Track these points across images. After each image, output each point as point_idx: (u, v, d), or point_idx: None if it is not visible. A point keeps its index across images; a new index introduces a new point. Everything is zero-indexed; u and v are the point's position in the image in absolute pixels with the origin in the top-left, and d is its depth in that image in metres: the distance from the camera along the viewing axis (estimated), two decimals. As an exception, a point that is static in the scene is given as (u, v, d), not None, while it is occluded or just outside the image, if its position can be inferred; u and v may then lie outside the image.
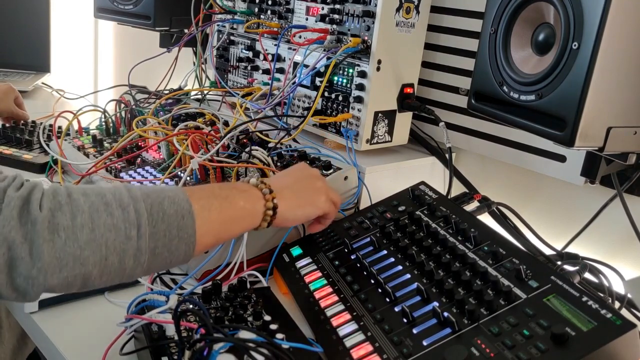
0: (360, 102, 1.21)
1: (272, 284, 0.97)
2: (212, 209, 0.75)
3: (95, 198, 0.66)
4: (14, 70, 2.16)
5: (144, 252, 0.67)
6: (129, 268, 0.67)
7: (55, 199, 0.64)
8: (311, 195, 0.91)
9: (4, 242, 0.60)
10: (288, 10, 1.37)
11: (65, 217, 0.63)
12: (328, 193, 0.94)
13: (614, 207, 1.08)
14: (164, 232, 0.69)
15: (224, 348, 0.65)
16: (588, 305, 0.70)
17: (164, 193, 0.71)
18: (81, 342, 0.80)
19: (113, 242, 0.65)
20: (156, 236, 0.68)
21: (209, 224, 0.74)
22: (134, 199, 0.68)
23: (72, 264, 0.63)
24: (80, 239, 0.63)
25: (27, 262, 0.61)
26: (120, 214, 0.66)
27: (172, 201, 0.70)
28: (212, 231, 0.75)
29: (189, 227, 0.71)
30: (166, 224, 0.69)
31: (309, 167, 0.97)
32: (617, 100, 0.81)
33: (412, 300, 0.81)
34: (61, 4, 2.45)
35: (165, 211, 0.69)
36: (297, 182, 0.91)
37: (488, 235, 0.88)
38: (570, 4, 0.78)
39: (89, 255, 0.64)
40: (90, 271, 0.64)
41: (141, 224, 0.67)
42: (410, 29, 1.21)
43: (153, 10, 1.64)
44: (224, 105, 1.51)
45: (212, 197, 0.76)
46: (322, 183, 0.94)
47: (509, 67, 0.89)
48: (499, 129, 1.25)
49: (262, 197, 0.82)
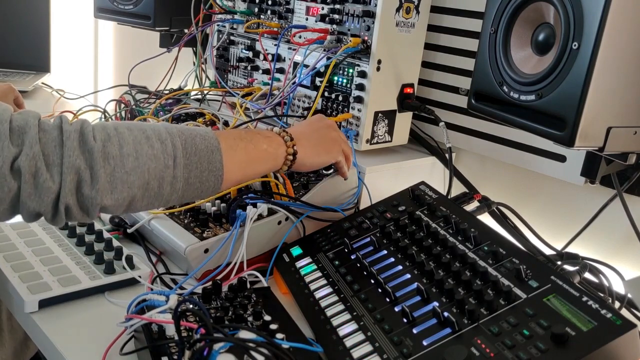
0: (360, 102, 1.21)
1: (272, 284, 0.97)
2: (237, 149, 0.84)
3: (138, 132, 0.76)
4: (14, 70, 2.16)
5: (179, 180, 0.77)
6: (167, 194, 0.77)
7: (104, 131, 0.74)
8: (327, 145, 1.00)
9: (72, 168, 0.70)
10: (288, 10, 1.37)
11: (114, 147, 0.73)
12: (341, 144, 1.03)
13: (614, 207, 1.08)
14: (196, 164, 0.79)
15: (224, 348, 0.65)
16: (588, 305, 0.70)
17: (196, 131, 0.81)
18: (81, 342, 0.80)
19: (154, 170, 0.75)
20: (189, 167, 0.78)
21: (235, 161, 0.83)
22: (170, 134, 0.78)
23: (121, 187, 0.73)
24: (127, 165, 0.73)
25: (88, 185, 0.71)
26: (159, 146, 0.76)
27: (203, 138, 0.81)
28: (238, 168, 0.85)
29: (217, 162, 0.81)
30: (198, 157, 0.79)
31: (325, 118, 1.05)
32: (617, 100, 0.81)
33: (412, 300, 0.81)
34: (61, 4, 2.45)
35: (198, 146, 0.79)
36: (315, 132, 0.99)
37: (488, 235, 0.88)
38: (570, 4, 0.78)
39: (134, 180, 0.74)
40: (135, 194, 0.75)
41: (177, 155, 0.77)
42: (410, 29, 1.21)
43: (153, 10, 1.64)
44: (224, 105, 1.51)
45: (238, 139, 0.86)
46: (337, 134, 1.03)
47: (509, 67, 0.89)
48: (499, 129, 1.25)
49: (283, 144, 0.92)
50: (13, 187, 0.69)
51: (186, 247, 0.93)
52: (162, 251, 1.04)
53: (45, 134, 0.71)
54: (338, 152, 1.02)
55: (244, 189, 1.06)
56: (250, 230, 0.96)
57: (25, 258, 0.94)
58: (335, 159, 1.02)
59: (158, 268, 1.00)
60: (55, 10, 2.24)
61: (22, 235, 1.01)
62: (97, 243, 1.00)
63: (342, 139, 1.04)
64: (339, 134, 1.03)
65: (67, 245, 0.99)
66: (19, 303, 0.85)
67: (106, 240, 1.00)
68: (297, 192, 1.08)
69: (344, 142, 1.04)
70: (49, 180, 0.69)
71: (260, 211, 0.99)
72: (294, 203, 1.05)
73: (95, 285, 0.89)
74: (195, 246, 0.94)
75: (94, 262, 0.95)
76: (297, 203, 1.05)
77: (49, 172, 0.69)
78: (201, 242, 0.95)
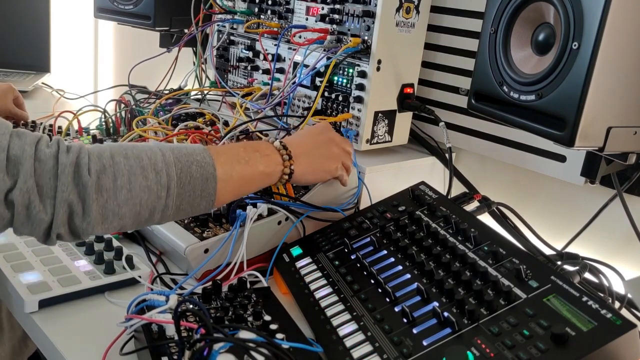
0: (360, 102, 1.21)
1: (272, 284, 0.97)
2: (233, 173, 0.85)
3: (134, 161, 0.76)
4: (14, 70, 2.16)
5: (170, 208, 0.79)
6: (157, 219, 0.80)
7: (100, 161, 0.74)
8: (325, 162, 1.00)
9: (65, 203, 0.72)
10: (288, 10, 1.37)
11: (108, 180, 0.74)
12: (342, 158, 1.02)
13: (614, 207, 1.08)
14: (190, 192, 0.80)
15: (224, 348, 0.65)
16: (588, 305, 0.70)
17: (193, 157, 0.81)
18: (81, 342, 0.80)
19: (146, 201, 0.76)
20: (182, 196, 0.79)
21: (229, 186, 0.84)
22: (167, 164, 0.78)
23: (112, 218, 0.75)
24: (119, 198, 0.75)
25: (80, 217, 0.73)
26: (154, 177, 0.77)
27: (200, 165, 0.81)
28: (232, 190, 0.85)
29: (211, 189, 0.82)
30: (192, 186, 0.80)
31: (330, 130, 1.04)
32: (617, 100, 0.81)
33: (412, 300, 0.81)
34: (61, 4, 2.45)
35: (193, 175, 0.80)
36: (316, 148, 0.99)
37: (488, 235, 0.88)
38: (570, 4, 0.78)
39: (126, 212, 0.76)
40: (126, 222, 0.77)
41: (170, 186, 0.78)
42: (410, 29, 1.21)
43: (153, 10, 1.64)
44: (224, 105, 1.51)
45: (235, 162, 0.86)
46: (339, 150, 1.02)
47: (509, 67, 0.89)
48: (499, 129, 1.25)
49: (281, 163, 0.92)
50: (6, 216, 0.71)
51: (186, 247, 0.93)
52: (162, 251, 1.04)
53: (41, 164, 0.71)
54: (336, 168, 1.01)
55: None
56: (250, 230, 0.96)
57: (25, 258, 0.94)
58: (332, 175, 1.02)
59: (158, 268, 1.00)
60: (55, 10, 2.24)
61: (22, 236, 1.01)
62: (97, 243, 1.00)
63: (343, 153, 1.02)
64: (341, 149, 1.02)
65: (67, 245, 0.99)
66: (19, 303, 0.85)
67: (106, 240, 1.00)
68: (297, 192, 1.08)
69: (345, 155, 1.03)
70: (41, 212, 0.71)
71: (260, 211, 0.99)
72: (294, 203, 1.05)
73: (95, 285, 0.89)
74: (195, 246, 0.94)
75: (94, 262, 0.95)
76: (297, 203, 1.05)
77: (42, 204, 0.71)
78: (201, 242, 0.95)
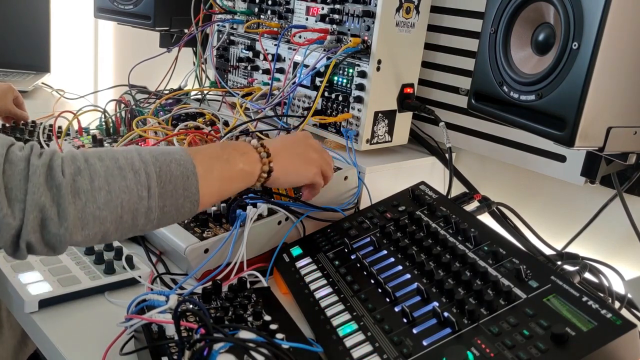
0: (360, 102, 1.21)
1: (272, 284, 0.97)
2: (214, 171, 0.81)
3: (110, 162, 0.73)
4: (14, 70, 2.16)
5: (154, 210, 0.74)
6: (141, 224, 0.75)
7: (74, 164, 0.70)
8: (303, 165, 0.96)
9: (36, 206, 0.67)
10: (288, 10, 1.37)
11: (84, 181, 0.70)
12: (321, 166, 0.98)
13: (614, 207, 1.08)
14: (172, 192, 0.76)
15: (224, 348, 0.65)
16: (588, 305, 0.70)
17: (171, 156, 0.78)
18: (81, 342, 0.80)
19: (127, 203, 0.72)
20: (164, 196, 0.75)
21: (211, 184, 0.81)
22: (144, 163, 0.74)
23: (92, 223, 0.70)
24: (99, 200, 0.70)
25: (55, 222, 0.68)
26: (132, 176, 0.73)
27: (178, 163, 0.77)
28: (214, 190, 0.82)
29: (194, 187, 0.78)
30: (173, 185, 0.76)
31: (310, 137, 1.00)
32: (617, 100, 0.81)
33: (412, 300, 0.81)
34: (61, 4, 2.45)
35: (172, 173, 0.76)
36: (294, 150, 0.96)
37: (488, 235, 0.88)
38: (570, 4, 0.78)
39: (107, 215, 0.71)
40: (108, 228, 0.72)
41: (151, 185, 0.74)
42: (410, 29, 1.21)
43: (153, 10, 1.64)
44: (224, 105, 1.51)
45: (214, 159, 0.83)
46: (318, 155, 0.98)
47: (509, 67, 0.89)
48: (499, 129, 1.25)
49: (259, 161, 0.88)
50: None
51: (186, 247, 0.93)
52: (162, 251, 1.04)
53: (11, 165, 0.67)
54: (315, 174, 0.97)
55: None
56: (250, 230, 0.96)
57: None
58: (310, 180, 0.97)
59: (158, 268, 1.00)
60: (55, 10, 2.24)
61: None
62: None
63: (324, 161, 0.99)
64: (321, 155, 0.99)
65: (67, 245, 0.99)
66: (19, 303, 0.85)
67: (106, 240, 1.00)
68: (297, 192, 1.08)
69: (326, 165, 0.99)
70: (9, 216, 0.66)
71: (260, 211, 0.99)
72: (294, 203, 1.05)
73: (95, 285, 0.90)
74: (195, 246, 0.94)
75: (94, 262, 0.95)
76: (297, 203, 1.05)
77: (11, 207, 0.66)
78: (201, 242, 0.95)
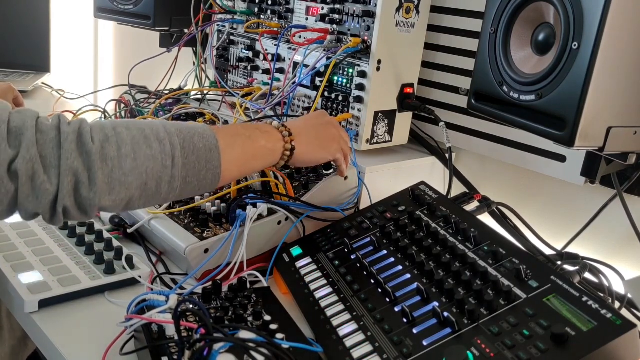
0: (360, 102, 1.21)
1: (272, 284, 0.97)
2: (236, 146, 0.84)
3: (136, 132, 0.75)
4: (14, 70, 2.16)
5: (177, 179, 0.77)
6: (164, 192, 0.78)
7: (102, 132, 0.73)
8: (325, 142, 1.00)
9: (70, 171, 0.70)
10: (288, 10, 1.37)
11: (112, 148, 0.73)
12: (340, 142, 1.02)
13: (614, 207, 1.08)
14: (194, 162, 0.79)
15: (224, 348, 0.65)
16: (588, 305, 0.70)
17: (195, 130, 0.81)
18: (81, 342, 0.80)
19: (152, 170, 0.75)
20: (188, 166, 0.78)
21: (233, 159, 0.84)
22: (169, 134, 0.77)
23: (119, 188, 0.73)
24: (125, 167, 0.73)
25: (86, 187, 0.71)
26: (157, 146, 0.76)
27: (202, 136, 0.80)
28: (236, 165, 0.85)
29: (216, 160, 0.81)
30: (196, 156, 0.79)
31: (326, 115, 1.04)
32: (617, 100, 0.81)
33: (412, 300, 0.81)
34: (61, 4, 2.45)
35: (196, 145, 0.79)
36: (314, 128, 0.99)
37: (488, 235, 0.88)
38: (570, 4, 0.78)
39: (132, 181, 0.74)
40: (133, 194, 0.75)
41: (175, 155, 0.77)
42: (410, 29, 1.21)
43: (153, 10, 1.64)
44: (224, 105, 1.51)
45: (236, 135, 0.86)
46: (337, 131, 1.02)
47: (509, 67, 0.89)
48: (499, 129, 1.25)
49: (281, 139, 0.91)
50: (10, 189, 0.69)
51: (186, 247, 0.93)
52: (162, 251, 1.04)
53: (43, 135, 0.70)
54: (337, 150, 1.01)
55: (244, 189, 1.06)
56: (250, 230, 0.96)
57: (25, 258, 0.94)
58: (333, 156, 1.01)
59: (158, 268, 1.00)
60: (55, 10, 2.24)
61: (22, 236, 1.01)
62: (97, 243, 1.00)
63: (342, 138, 1.03)
64: (339, 132, 1.03)
65: (67, 245, 0.99)
66: (19, 303, 0.85)
67: (106, 240, 1.00)
68: (297, 192, 1.08)
69: (343, 141, 1.03)
70: (46, 182, 0.69)
71: (260, 211, 0.99)
72: (294, 203, 1.05)
73: (95, 285, 0.89)
74: (195, 246, 0.94)
75: (94, 262, 0.95)
76: (297, 203, 1.05)
77: (47, 174, 0.69)
78: (201, 242, 0.95)
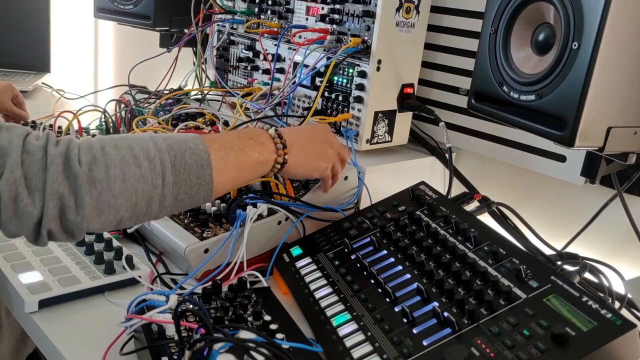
0: (360, 102, 1.21)
1: (272, 284, 0.97)
2: (228, 160, 0.83)
3: (125, 151, 0.74)
4: (14, 70, 2.16)
5: (168, 198, 0.76)
6: (155, 211, 0.76)
7: (90, 152, 0.71)
8: (317, 161, 0.98)
9: (55, 195, 0.68)
10: (288, 10, 1.37)
11: (100, 171, 0.71)
12: (333, 162, 1.01)
13: (614, 207, 1.08)
14: (186, 180, 0.77)
15: (224, 348, 0.65)
16: (588, 305, 0.70)
17: (186, 144, 0.79)
18: (81, 342, 0.80)
19: (142, 191, 0.73)
20: (179, 184, 0.77)
21: (225, 173, 0.82)
22: (159, 151, 0.75)
23: (108, 211, 0.72)
24: (114, 189, 0.71)
25: (72, 210, 0.69)
26: (147, 165, 0.74)
27: (193, 152, 0.78)
28: (228, 179, 0.83)
29: (207, 176, 0.79)
30: (187, 173, 0.77)
31: (328, 132, 1.02)
32: (617, 100, 0.81)
33: (412, 300, 0.81)
34: (61, 4, 2.45)
35: (187, 162, 0.77)
36: (311, 144, 0.97)
37: (488, 235, 0.88)
38: (570, 4, 0.78)
39: (122, 203, 0.72)
40: (123, 215, 0.73)
41: (165, 174, 0.75)
42: (410, 29, 1.21)
43: (153, 10, 1.64)
44: (224, 105, 1.51)
45: (229, 149, 0.84)
46: (332, 152, 1.00)
47: (509, 67, 0.89)
48: (499, 129, 1.25)
49: (275, 151, 0.90)
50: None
51: (186, 247, 0.93)
52: (162, 251, 1.04)
53: (29, 155, 0.68)
54: (325, 169, 1.00)
55: (244, 189, 1.06)
56: (250, 230, 0.96)
57: (25, 258, 0.94)
58: (320, 175, 1.00)
59: (158, 268, 1.00)
60: (55, 10, 2.24)
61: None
62: (97, 243, 1.00)
63: (336, 159, 1.02)
64: (335, 152, 1.01)
65: (67, 245, 0.99)
66: (19, 303, 0.85)
67: (106, 240, 1.00)
68: (297, 192, 1.08)
69: (337, 161, 1.02)
70: (30, 205, 0.67)
71: (260, 211, 0.99)
72: (294, 203, 1.05)
73: (95, 285, 0.89)
74: (195, 246, 0.94)
75: (94, 262, 0.95)
76: (297, 203, 1.05)
77: (31, 196, 0.68)
78: (201, 242, 0.95)
